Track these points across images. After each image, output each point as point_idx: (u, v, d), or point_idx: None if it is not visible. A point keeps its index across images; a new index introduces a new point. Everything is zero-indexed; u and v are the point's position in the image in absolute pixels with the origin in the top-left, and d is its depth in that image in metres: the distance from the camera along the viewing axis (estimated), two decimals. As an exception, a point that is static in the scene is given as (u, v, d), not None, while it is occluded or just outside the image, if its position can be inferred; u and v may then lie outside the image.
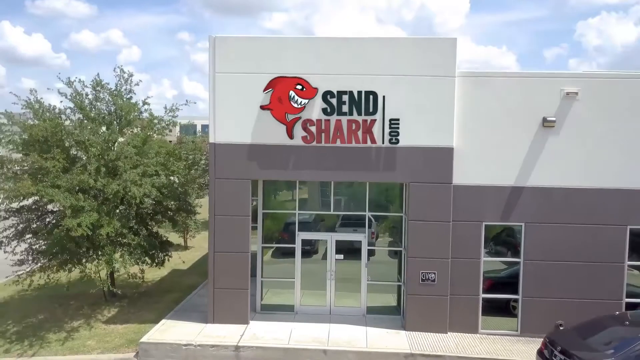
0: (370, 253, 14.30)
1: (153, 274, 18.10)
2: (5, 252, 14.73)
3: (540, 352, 11.09)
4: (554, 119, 12.71)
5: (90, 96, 15.06)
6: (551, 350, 10.66)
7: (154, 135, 15.81)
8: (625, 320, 11.18)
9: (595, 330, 10.87)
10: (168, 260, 16.39)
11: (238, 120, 12.97)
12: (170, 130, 16.43)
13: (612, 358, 9.82)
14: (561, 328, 11.84)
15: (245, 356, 12.10)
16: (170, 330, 13.04)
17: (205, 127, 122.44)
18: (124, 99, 15.35)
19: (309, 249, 14.76)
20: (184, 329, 13.07)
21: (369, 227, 14.13)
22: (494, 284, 13.89)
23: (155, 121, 15.66)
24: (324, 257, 14.52)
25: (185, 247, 23.12)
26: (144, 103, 15.77)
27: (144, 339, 12.52)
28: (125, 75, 15.56)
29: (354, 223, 14.35)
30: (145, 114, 15.58)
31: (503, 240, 13.72)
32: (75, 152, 14.68)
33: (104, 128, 14.88)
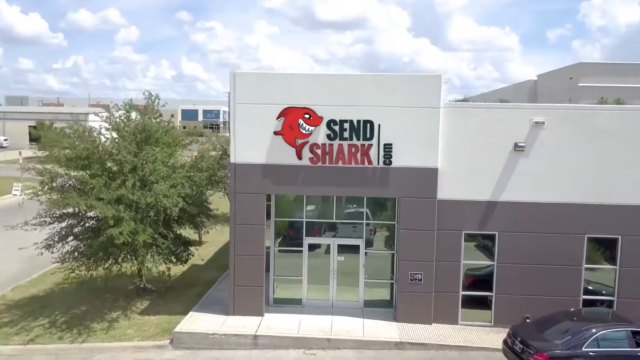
0: (368, 245, 16.60)
1: (175, 269, 20.34)
2: (51, 252, 17.06)
3: (505, 342, 13.48)
4: (523, 144, 14.94)
5: (123, 117, 17.27)
6: (513, 340, 13.06)
7: (179, 150, 18.03)
8: (575, 316, 13.57)
9: (550, 325, 13.23)
10: (190, 258, 18.74)
11: (255, 144, 15.18)
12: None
13: (560, 347, 12.21)
14: (528, 321, 14.25)
15: (262, 344, 14.51)
16: (198, 321, 15.43)
17: (207, 113, 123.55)
18: (152, 120, 17.55)
19: (313, 244, 17.02)
20: (209, 320, 15.47)
21: (367, 224, 16.41)
22: (476, 280, 16.27)
23: (180, 138, 17.87)
24: (327, 251, 16.82)
25: (200, 242, 25.37)
26: (169, 122, 17.96)
27: (177, 329, 14.93)
28: (153, 97, 17.77)
29: (353, 221, 16.63)
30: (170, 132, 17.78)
31: (489, 235, 15.89)
32: (110, 165, 16.88)
33: (134, 144, 17.08)
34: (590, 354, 12.17)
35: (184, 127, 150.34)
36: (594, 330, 12.54)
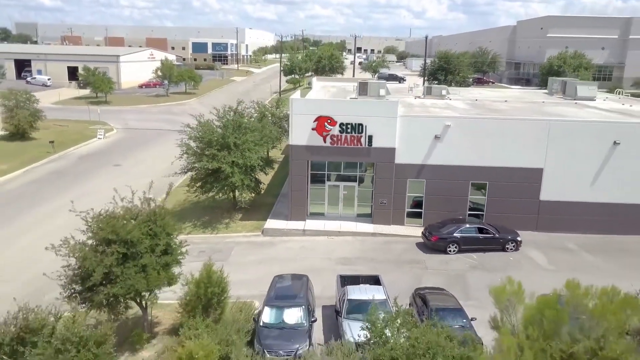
0: (361, 181, 31.32)
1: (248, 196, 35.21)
2: (188, 191, 31.81)
3: (422, 233, 28.68)
4: (440, 135, 29.30)
5: (226, 115, 31.56)
6: (425, 231, 28.28)
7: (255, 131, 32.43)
8: (457, 220, 28.63)
9: (445, 224, 28.31)
10: (262, 191, 33.65)
11: (302, 134, 29.49)
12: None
13: (444, 233, 27.37)
14: (438, 222, 29.27)
15: (307, 233, 29.67)
16: (273, 223, 30.55)
17: (215, 46, 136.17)
18: (240, 116, 31.86)
19: (326, 179, 31.72)
20: (279, 223, 30.58)
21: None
22: (417, 202, 31.22)
23: (256, 125, 32.29)
24: (336, 179, 31.43)
25: (255, 179, 40.22)
26: (250, 117, 32.21)
27: (265, 227, 30.11)
28: (242, 103, 31.97)
29: (352, 173, 31.31)
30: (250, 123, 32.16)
31: (421, 181, 30.69)
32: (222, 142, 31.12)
33: (235, 131, 31.30)
34: (457, 236, 27.36)
35: (195, 60, 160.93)
36: (460, 226, 27.67)
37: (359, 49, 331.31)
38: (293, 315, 18.59)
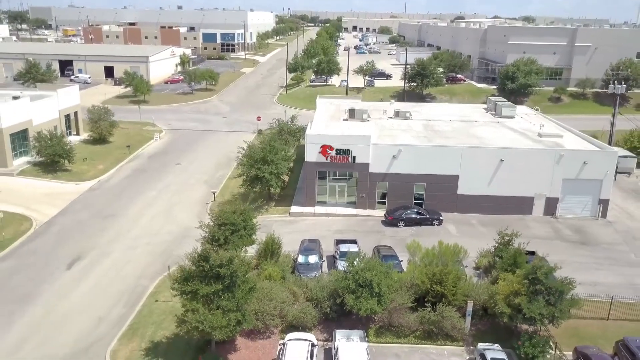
0: (349, 181, 50.70)
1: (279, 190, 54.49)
2: (240, 188, 51.29)
3: (384, 214, 48.29)
4: (396, 155, 48.59)
5: (265, 140, 50.80)
6: (385, 213, 47.94)
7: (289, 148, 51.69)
8: (405, 207, 48.22)
9: (398, 209, 47.93)
10: (285, 187, 53.13)
11: (313, 155, 48.78)
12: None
13: (395, 215, 47.04)
14: (393, 208, 48.90)
15: (316, 215, 49.20)
16: (295, 209, 50.12)
17: (224, 36, 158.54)
18: (273, 141, 51.11)
19: (327, 180, 51.12)
20: (299, 208, 50.16)
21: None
22: (383, 195, 50.79)
23: (282, 148, 51.56)
24: (333, 180, 50.85)
25: (279, 176, 59.54)
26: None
27: (290, 211, 49.73)
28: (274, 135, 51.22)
29: (344, 177, 50.69)
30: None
31: (385, 182, 50.19)
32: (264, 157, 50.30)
33: (271, 151, 50.50)
34: (404, 216, 47.01)
35: (205, 48, 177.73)
36: (406, 210, 47.31)
37: (354, 28, 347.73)
38: (313, 258, 38.32)
